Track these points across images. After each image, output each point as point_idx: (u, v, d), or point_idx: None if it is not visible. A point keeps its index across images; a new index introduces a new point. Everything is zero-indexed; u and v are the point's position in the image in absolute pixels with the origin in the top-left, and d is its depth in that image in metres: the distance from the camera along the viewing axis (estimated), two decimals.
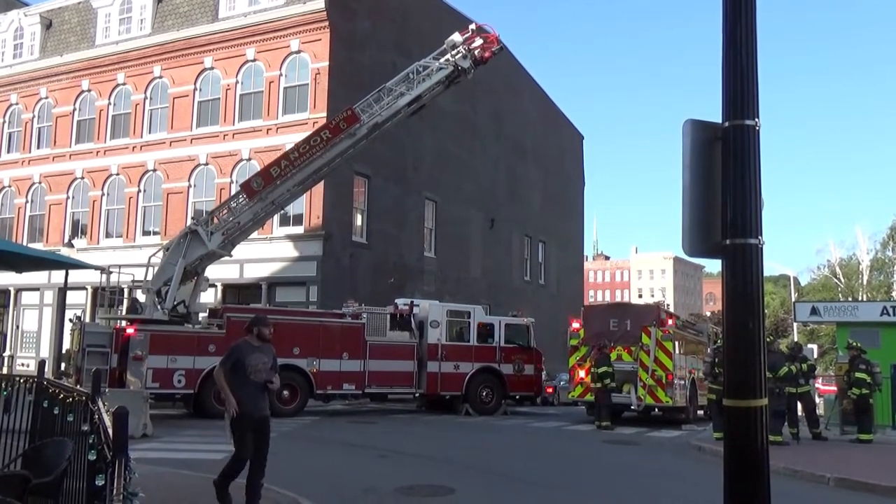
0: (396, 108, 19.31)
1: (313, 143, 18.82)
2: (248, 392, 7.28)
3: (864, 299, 52.37)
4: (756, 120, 4.08)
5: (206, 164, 27.69)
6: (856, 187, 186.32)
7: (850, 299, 51.96)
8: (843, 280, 62.18)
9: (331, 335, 19.33)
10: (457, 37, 19.60)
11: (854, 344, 16.54)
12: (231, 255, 19.96)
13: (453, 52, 19.52)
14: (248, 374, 7.30)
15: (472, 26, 20.02)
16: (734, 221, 4.02)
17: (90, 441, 4.32)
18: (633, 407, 19.77)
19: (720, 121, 4.18)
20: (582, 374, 20.32)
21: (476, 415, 20.72)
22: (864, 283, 59.96)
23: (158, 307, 18.01)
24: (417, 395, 21.40)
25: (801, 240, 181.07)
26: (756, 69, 4.10)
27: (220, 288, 25.61)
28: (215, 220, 19.23)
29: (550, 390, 29.20)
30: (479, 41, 19.58)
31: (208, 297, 23.17)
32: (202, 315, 19.62)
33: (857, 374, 15.89)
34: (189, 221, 19.64)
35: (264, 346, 7.55)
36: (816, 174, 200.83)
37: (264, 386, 7.40)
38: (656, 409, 19.90)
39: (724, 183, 4.09)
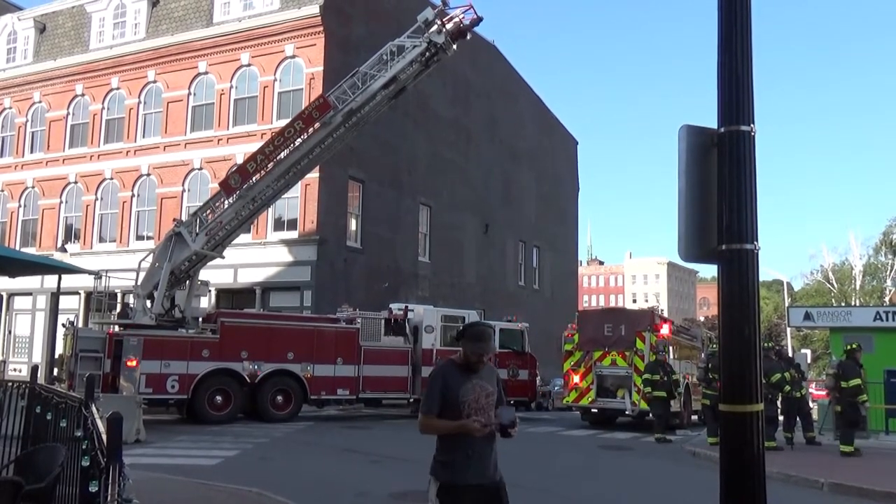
0: (371, 91, 18.43)
1: (287, 136, 18.41)
2: (463, 445, 4.43)
3: (858, 304, 52.60)
4: (751, 126, 4.09)
5: (200, 168, 27.64)
6: (849, 193, 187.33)
7: (843, 304, 52.17)
8: (836, 285, 62.43)
9: (325, 340, 19.27)
10: (429, 12, 18.55)
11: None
12: (223, 258, 19.86)
13: (428, 29, 18.43)
14: (467, 417, 4.48)
15: None
16: (730, 227, 4.02)
17: (83, 447, 4.30)
18: (627, 412, 19.78)
19: (715, 126, 4.18)
20: (577, 378, 20.32)
21: None
22: (858, 288, 60.25)
23: (148, 312, 17.92)
24: (412, 400, 21.34)
25: (794, 245, 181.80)
26: (751, 75, 4.11)
27: (213, 292, 25.53)
28: (207, 221, 19.05)
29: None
30: (457, 14, 18.48)
31: (206, 301, 23.09)
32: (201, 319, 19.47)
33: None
34: (173, 224, 19.32)
35: (484, 368, 4.64)
36: (810, 179, 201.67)
37: (493, 434, 4.51)
38: (651, 415, 19.88)
39: (719, 188, 4.10)
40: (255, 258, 25.54)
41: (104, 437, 3.76)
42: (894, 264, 59.75)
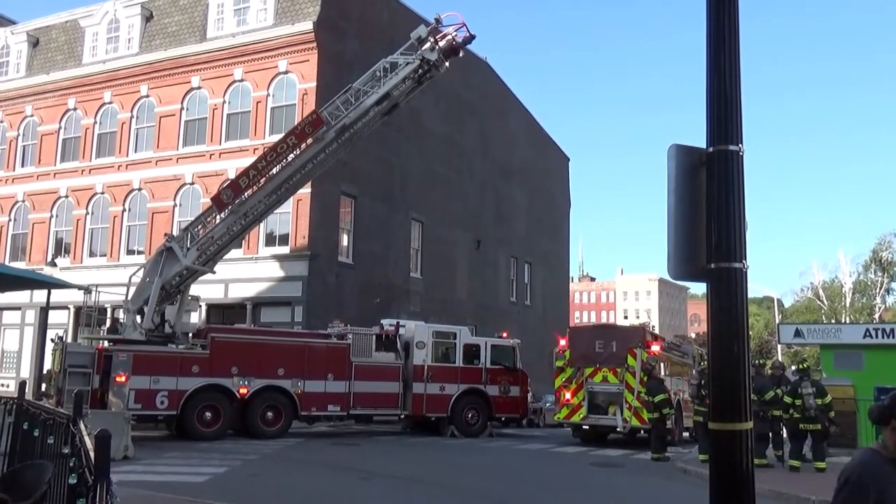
0: (364, 108, 18.46)
1: (280, 151, 18.41)
2: None
3: (848, 321, 52.83)
4: (740, 145, 4.14)
5: (192, 183, 27.61)
6: (839, 210, 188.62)
7: (833, 321, 52.38)
8: (826, 302, 62.74)
9: (316, 356, 19.20)
10: (422, 30, 18.53)
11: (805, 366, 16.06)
12: (214, 273, 19.78)
13: (421, 46, 18.41)
14: None
15: (435, 17, 18.86)
16: (719, 245, 4.06)
17: (71, 464, 4.27)
18: (618, 429, 19.73)
19: (704, 145, 4.23)
20: (568, 395, 20.28)
21: (461, 436, 20.60)
22: (847, 305, 60.55)
23: (138, 327, 17.81)
24: (403, 416, 21.26)
25: (784, 262, 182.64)
26: (739, 96, 4.16)
27: (204, 308, 25.43)
28: (198, 236, 18.98)
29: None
30: (450, 32, 18.48)
31: (196, 316, 22.99)
32: (191, 335, 19.37)
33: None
34: (164, 238, 19.26)
35: None
36: (800, 197, 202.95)
37: None
38: (642, 431, 19.86)
39: (708, 207, 4.14)
40: (246, 273, 25.47)
41: (92, 454, 3.74)
42: (884, 282, 60.18)
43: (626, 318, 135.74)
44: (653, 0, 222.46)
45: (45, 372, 20.07)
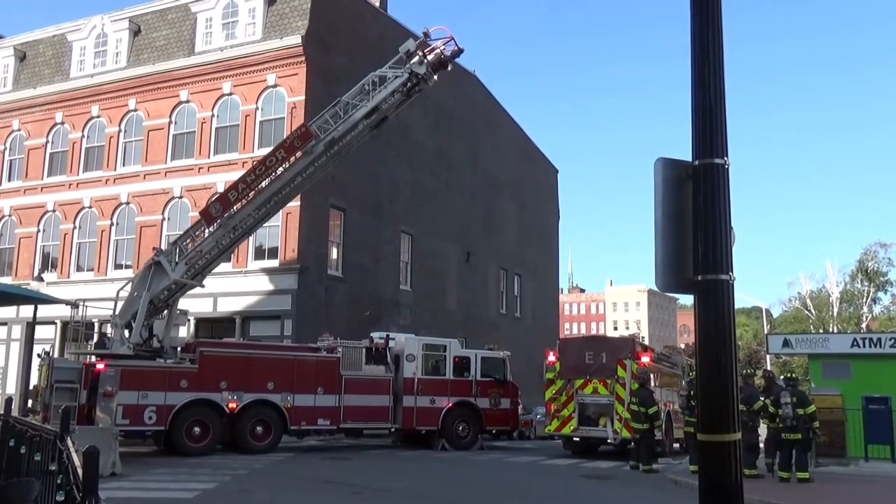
0: (353, 121, 18.50)
1: (269, 164, 18.38)
2: None
3: (835, 331, 53.13)
4: (725, 158, 4.18)
5: (181, 197, 27.54)
6: (825, 222, 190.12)
7: (821, 331, 52.67)
8: (813, 312, 63.12)
9: (305, 369, 19.12)
10: (410, 43, 18.63)
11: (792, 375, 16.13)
12: (203, 287, 19.69)
13: (409, 60, 18.50)
14: None
15: (424, 30, 18.96)
16: (705, 257, 4.09)
17: (58, 481, 4.24)
18: (609, 440, 19.73)
19: (690, 159, 4.27)
20: (558, 407, 20.26)
21: (452, 450, 20.53)
22: (835, 314, 60.97)
23: (125, 342, 17.69)
24: (393, 430, 21.19)
25: (772, 272, 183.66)
26: (724, 109, 4.22)
27: (193, 322, 25.29)
28: (187, 250, 18.89)
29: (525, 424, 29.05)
30: (438, 46, 18.61)
31: (184, 330, 22.84)
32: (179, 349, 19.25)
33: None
34: (153, 252, 19.16)
35: None
36: (787, 209, 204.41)
37: None
38: (632, 443, 19.84)
39: (694, 220, 4.17)
40: (235, 287, 25.37)
41: (79, 470, 3.72)
42: (870, 291, 60.66)
43: (615, 329, 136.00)
44: (639, 14, 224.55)
45: (31, 388, 19.89)
